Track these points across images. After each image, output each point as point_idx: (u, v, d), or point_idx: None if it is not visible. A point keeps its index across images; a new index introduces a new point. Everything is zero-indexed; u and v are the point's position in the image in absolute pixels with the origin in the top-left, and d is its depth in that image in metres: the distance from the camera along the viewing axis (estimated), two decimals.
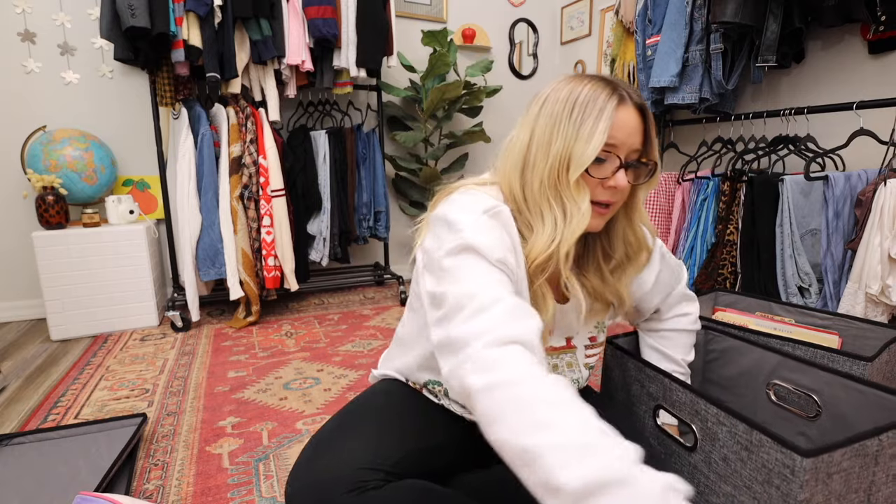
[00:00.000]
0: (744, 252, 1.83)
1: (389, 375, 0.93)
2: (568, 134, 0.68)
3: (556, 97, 0.71)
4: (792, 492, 0.64)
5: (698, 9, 1.92)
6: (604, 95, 0.68)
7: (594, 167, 0.69)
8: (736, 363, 1.06)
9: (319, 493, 0.68)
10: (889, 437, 0.67)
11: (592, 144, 0.67)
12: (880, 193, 1.47)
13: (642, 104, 0.71)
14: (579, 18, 3.06)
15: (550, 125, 0.69)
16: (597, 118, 0.67)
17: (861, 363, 0.96)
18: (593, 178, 0.70)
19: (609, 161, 0.69)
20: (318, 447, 0.75)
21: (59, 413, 1.42)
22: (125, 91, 2.32)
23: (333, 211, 2.42)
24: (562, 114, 0.69)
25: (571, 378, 0.86)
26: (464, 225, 0.66)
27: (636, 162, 0.72)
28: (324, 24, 2.12)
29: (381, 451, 0.73)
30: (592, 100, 0.68)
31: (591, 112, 0.67)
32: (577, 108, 0.68)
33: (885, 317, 1.50)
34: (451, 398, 0.85)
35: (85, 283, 2.01)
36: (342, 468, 0.69)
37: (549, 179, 0.69)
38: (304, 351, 1.88)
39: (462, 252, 0.65)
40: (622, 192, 0.72)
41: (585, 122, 0.67)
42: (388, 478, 0.70)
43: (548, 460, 0.48)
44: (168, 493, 1.07)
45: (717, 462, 0.76)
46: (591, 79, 0.71)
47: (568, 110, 0.69)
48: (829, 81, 1.89)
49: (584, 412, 0.51)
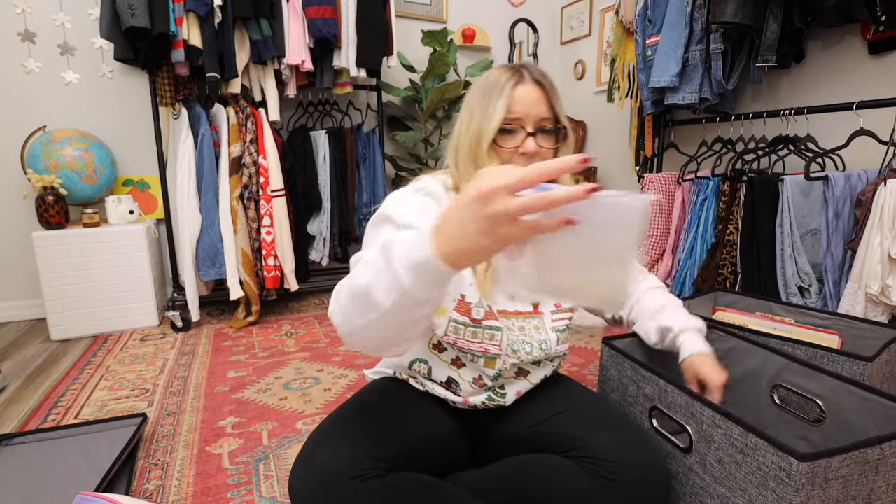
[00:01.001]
0: (744, 252, 1.83)
1: (382, 373, 0.98)
2: (478, 115, 0.82)
3: (473, 89, 0.86)
4: (787, 495, 0.64)
5: (698, 9, 1.91)
6: (504, 78, 0.82)
7: (505, 138, 0.82)
8: (740, 364, 1.06)
9: (323, 483, 0.70)
10: (892, 446, 0.66)
11: (495, 118, 0.80)
12: (880, 193, 1.47)
13: (541, 80, 0.84)
14: (579, 18, 3.05)
15: (469, 111, 0.84)
16: (497, 97, 0.81)
17: (861, 363, 0.96)
18: (505, 148, 0.82)
19: (518, 132, 0.82)
20: (319, 442, 0.77)
21: (59, 413, 1.43)
22: (125, 91, 2.32)
23: (333, 211, 2.42)
24: (475, 100, 0.84)
25: (538, 339, 0.88)
26: (388, 200, 0.81)
27: (545, 129, 0.83)
28: (324, 24, 2.12)
29: (380, 443, 0.76)
30: (495, 83, 0.82)
31: (493, 93, 0.81)
32: (485, 93, 0.82)
33: (885, 317, 1.50)
34: (432, 379, 0.90)
35: (85, 283, 2.01)
36: (344, 459, 0.72)
37: (469, 154, 0.83)
38: (304, 351, 1.88)
39: (377, 223, 0.78)
40: (540, 157, 0.82)
41: (490, 102, 0.81)
42: (389, 467, 0.73)
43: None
44: (168, 493, 1.07)
45: (713, 464, 0.76)
46: (499, 68, 0.85)
47: (479, 96, 0.83)
48: (829, 81, 1.88)
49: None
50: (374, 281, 0.55)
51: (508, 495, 0.80)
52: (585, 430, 0.82)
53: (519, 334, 0.87)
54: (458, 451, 0.89)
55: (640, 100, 2.22)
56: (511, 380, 0.90)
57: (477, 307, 0.84)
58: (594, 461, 0.77)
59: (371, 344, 0.62)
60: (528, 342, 0.87)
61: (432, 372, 0.89)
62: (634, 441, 0.79)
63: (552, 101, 0.84)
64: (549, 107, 0.83)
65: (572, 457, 0.79)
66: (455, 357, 0.88)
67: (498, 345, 0.84)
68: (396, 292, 0.54)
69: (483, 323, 0.84)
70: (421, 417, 0.86)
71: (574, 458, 0.79)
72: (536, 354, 0.88)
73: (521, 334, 0.87)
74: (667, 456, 0.86)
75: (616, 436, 0.80)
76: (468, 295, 0.83)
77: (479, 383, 0.88)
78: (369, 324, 0.58)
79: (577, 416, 0.86)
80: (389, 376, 0.97)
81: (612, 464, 0.75)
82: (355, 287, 0.58)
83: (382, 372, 0.98)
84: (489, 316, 0.84)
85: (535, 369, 0.92)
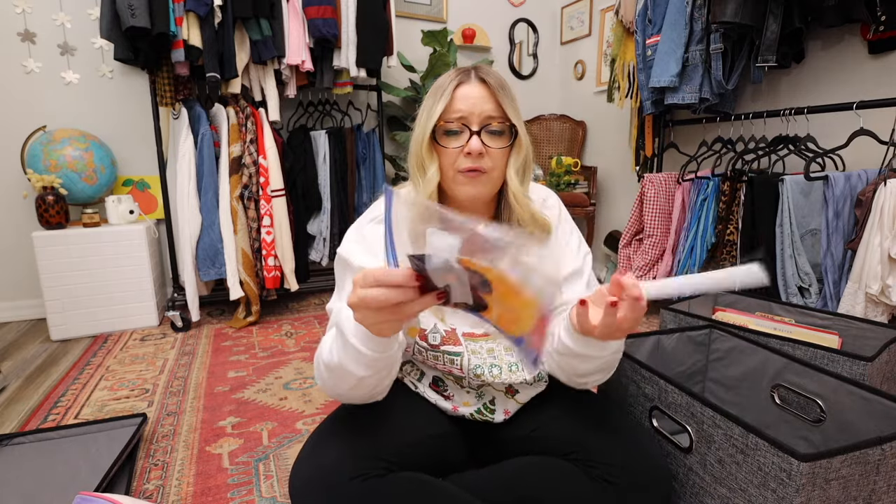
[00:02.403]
0: (744, 252, 1.83)
1: None
2: (423, 117, 0.82)
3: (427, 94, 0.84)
4: (788, 496, 0.64)
5: (698, 9, 1.91)
6: (448, 79, 0.81)
7: (449, 139, 0.80)
8: (740, 364, 1.06)
9: (325, 482, 0.71)
10: (892, 446, 0.66)
11: (432, 119, 0.79)
12: (880, 193, 1.47)
13: (486, 78, 0.80)
14: (579, 18, 3.05)
15: (420, 113, 0.83)
16: (438, 98, 0.80)
17: (861, 363, 0.96)
18: (450, 149, 0.80)
19: (463, 132, 0.79)
20: (319, 442, 0.78)
21: (59, 413, 1.43)
22: (125, 91, 2.32)
23: (333, 211, 2.42)
24: (425, 103, 0.83)
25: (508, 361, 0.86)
26: (346, 236, 0.85)
27: (491, 128, 0.80)
28: (324, 24, 2.12)
29: (380, 443, 0.76)
30: (440, 85, 0.81)
31: (437, 94, 0.80)
32: (432, 94, 0.82)
33: (885, 317, 1.50)
34: (422, 383, 0.91)
35: (85, 283, 2.01)
36: (344, 458, 0.72)
37: (415, 156, 0.83)
38: (304, 351, 1.88)
39: (340, 266, 0.83)
40: (489, 156, 0.80)
41: (434, 103, 0.80)
42: (391, 467, 0.73)
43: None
44: (168, 493, 1.07)
45: (713, 464, 0.76)
46: (452, 70, 0.83)
47: (428, 99, 0.82)
48: (829, 81, 1.88)
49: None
50: (342, 356, 0.67)
51: (509, 497, 0.79)
52: (586, 432, 0.81)
53: (487, 356, 0.86)
54: (458, 452, 0.89)
55: (640, 100, 2.22)
56: (500, 395, 0.90)
57: (433, 333, 0.85)
58: (595, 464, 0.76)
59: (362, 396, 0.74)
60: (496, 365, 0.86)
61: (423, 376, 0.91)
62: (635, 443, 0.79)
63: (499, 99, 0.80)
64: (496, 105, 0.80)
65: (573, 460, 0.79)
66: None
67: (460, 368, 0.85)
68: (362, 360, 0.65)
69: (441, 348, 0.84)
70: (420, 418, 0.86)
71: (575, 460, 0.79)
72: (505, 377, 0.86)
73: (488, 356, 0.86)
74: (667, 456, 0.86)
75: (617, 438, 0.80)
76: (422, 321, 0.85)
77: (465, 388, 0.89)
78: (354, 387, 0.70)
79: (577, 419, 0.85)
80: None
81: (613, 467, 0.75)
82: (330, 364, 0.69)
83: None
84: (447, 340, 0.84)
85: (525, 388, 0.90)
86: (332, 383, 0.72)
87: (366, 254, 0.80)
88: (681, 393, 0.83)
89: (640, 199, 2.23)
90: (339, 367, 0.67)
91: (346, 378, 0.69)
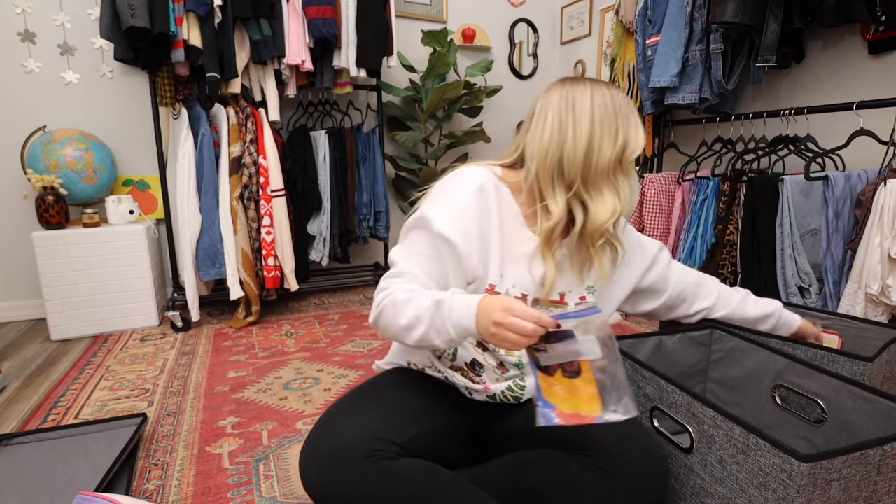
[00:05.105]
0: (744, 252, 1.83)
1: (393, 364, 0.99)
2: (629, 126, 0.84)
3: (602, 97, 0.84)
4: (788, 496, 0.64)
5: (698, 9, 1.91)
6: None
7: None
8: (741, 364, 1.05)
9: (336, 457, 0.72)
10: (893, 447, 0.66)
11: (642, 134, 0.85)
12: (880, 193, 1.47)
13: None
14: (579, 18, 3.05)
15: (611, 116, 0.83)
16: (636, 116, 0.86)
17: (861, 363, 0.96)
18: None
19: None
20: (333, 420, 0.79)
21: (59, 413, 1.43)
22: (125, 91, 2.32)
23: (333, 211, 2.42)
24: (621, 110, 0.84)
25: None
26: (433, 191, 0.87)
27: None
28: (324, 24, 2.12)
29: (397, 426, 0.78)
30: (626, 103, 0.86)
31: (632, 111, 0.85)
32: (625, 108, 0.85)
33: (885, 317, 1.50)
34: (454, 363, 0.91)
35: (85, 283, 2.01)
36: (360, 435, 0.74)
37: (613, 161, 0.83)
38: (304, 351, 1.88)
39: (415, 225, 0.85)
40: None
41: (633, 118, 0.85)
42: (402, 452, 0.74)
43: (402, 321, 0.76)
44: (168, 493, 1.07)
45: (713, 464, 0.76)
46: (616, 88, 0.89)
47: (622, 108, 0.85)
48: (829, 81, 1.88)
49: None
50: (426, 324, 0.75)
51: (507, 489, 0.81)
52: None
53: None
54: (458, 449, 0.90)
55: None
56: (530, 373, 0.91)
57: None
58: (591, 453, 0.79)
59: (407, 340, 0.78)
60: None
61: (457, 354, 0.90)
62: (630, 432, 0.80)
63: None
64: None
65: (569, 450, 0.81)
66: (480, 339, 0.89)
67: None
68: (442, 336, 0.74)
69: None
70: (429, 411, 0.87)
71: (570, 450, 0.81)
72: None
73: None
74: (668, 456, 0.86)
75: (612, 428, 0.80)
76: (497, 286, 0.86)
77: (502, 369, 0.89)
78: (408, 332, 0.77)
79: None
80: (402, 367, 0.98)
81: (609, 455, 0.77)
82: (404, 311, 0.76)
83: (394, 363, 1.00)
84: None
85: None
86: (395, 330, 0.78)
87: (450, 222, 0.82)
88: (681, 393, 0.83)
89: (640, 199, 2.23)
90: (416, 318, 0.75)
91: (412, 329, 0.76)
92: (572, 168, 0.83)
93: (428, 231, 0.83)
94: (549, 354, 0.71)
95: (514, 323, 0.66)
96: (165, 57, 1.98)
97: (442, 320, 0.73)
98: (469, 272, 0.83)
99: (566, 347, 0.69)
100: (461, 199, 0.84)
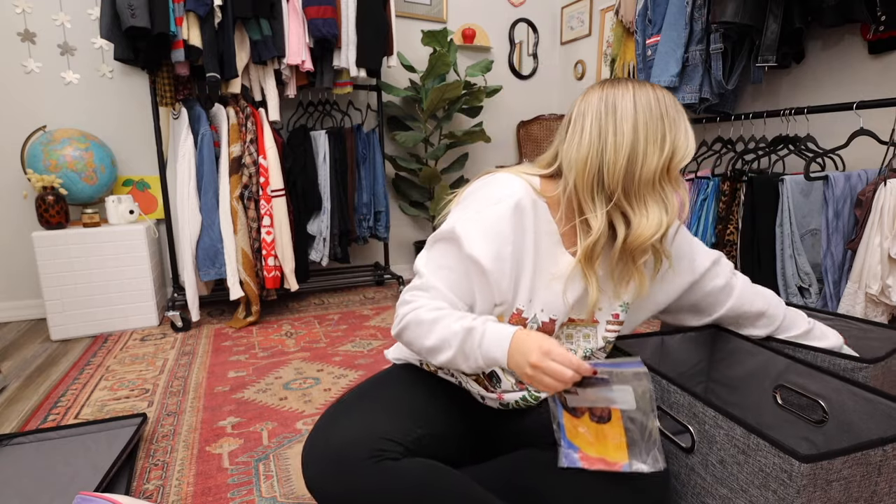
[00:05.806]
0: (744, 252, 1.83)
1: (403, 359, 0.97)
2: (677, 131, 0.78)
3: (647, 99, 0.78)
4: (788, 496, 0.64)
5: (698, 9, 1.91)
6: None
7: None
8: (743, 364, 1.05)
9: (338, 456, 0.71)
10: (894, 448, 0.66)
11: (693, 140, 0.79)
12: (880, 193, 1.47)
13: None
14: (579, 18, 3.05)
15: (656, 120, 0.77)
16: (685, 120, 0.79)
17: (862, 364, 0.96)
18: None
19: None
20: (339, 414, 0.78)
21: (59, 413, 1.42)
22: (125, 91, 2.32)
23: (333, 211, 2.42)
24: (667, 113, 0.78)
25: (585, 347, 0.90)
26: (462, 203, 0.83)
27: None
28: (324, 24, 2.12)
29: (401, 425, 0.76)
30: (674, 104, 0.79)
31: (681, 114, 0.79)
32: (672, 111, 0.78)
33: (884, 317, 1.50)
34: (468, 375, 0.89)
35: (85, 283, 2.01)
36: (363, 434, 0.72)
37: (659, 170, 0.77)
38: (304, 351, 1.88)
39: (443, 238, 0.80)
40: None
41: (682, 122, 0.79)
42: (406, 452, 0.73)
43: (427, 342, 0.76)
44: (168, 493, 1.07)
45: (714, 465, 0.76)
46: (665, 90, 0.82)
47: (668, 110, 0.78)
48: (829, 81, 1.88)
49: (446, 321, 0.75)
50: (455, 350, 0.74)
51: (508, 487, 0.81)
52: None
53: (565, 342, 0.89)
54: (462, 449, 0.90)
55: None
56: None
57: (532, 323, 0.84)
58: None
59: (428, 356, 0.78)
60: (573, 350, 0.89)
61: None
62: None
63: None
64: None
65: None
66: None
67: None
68: (469, 363, 0.74)
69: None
70: (437, 412, 0.86)
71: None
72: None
73: (567, 342, 0.89)
74: (668, 456, 0.86)
75: None
76: (525, 311, 0.84)
77: (521, 385, 0.87)
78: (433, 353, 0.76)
79: None
80: (412, 364, 0.96)
81: None
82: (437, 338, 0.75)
83: (404, 358, 0.97)
84: (542, 328, 0.85)
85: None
86: (417, 335, 0.77)
87: (482, 243, 0.78)
88: (683, 393, 0.83)
89: None
90: (443, 342, 0.74)
91: (438, 352, 0.75)
92: (612, 178, 0.77)
93: (458, 248, 0.78)
94: (580, 398, 0.70)
95: (553, 369, 0.66)
96: (165, 57, 1.98)
97: (472, 348, 0.72)
98: (498, 296, 0.80)
99: (598, 393, 0.68)
100: (496, 218, 0.78)
